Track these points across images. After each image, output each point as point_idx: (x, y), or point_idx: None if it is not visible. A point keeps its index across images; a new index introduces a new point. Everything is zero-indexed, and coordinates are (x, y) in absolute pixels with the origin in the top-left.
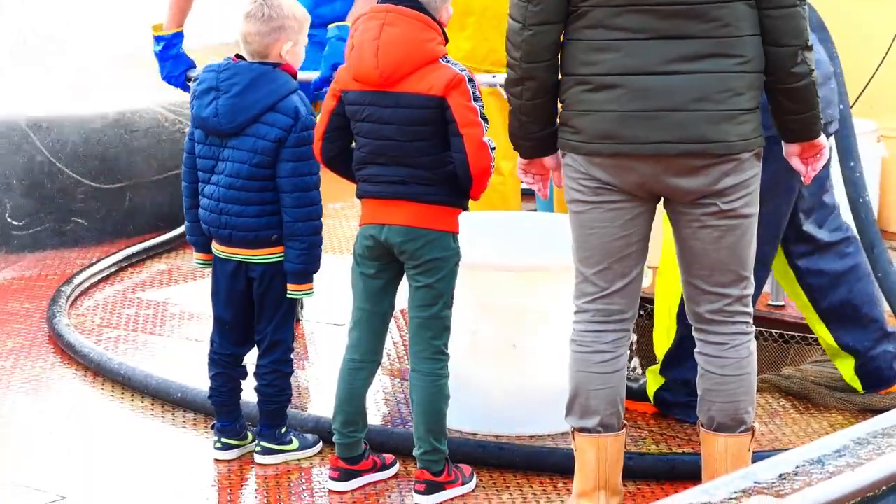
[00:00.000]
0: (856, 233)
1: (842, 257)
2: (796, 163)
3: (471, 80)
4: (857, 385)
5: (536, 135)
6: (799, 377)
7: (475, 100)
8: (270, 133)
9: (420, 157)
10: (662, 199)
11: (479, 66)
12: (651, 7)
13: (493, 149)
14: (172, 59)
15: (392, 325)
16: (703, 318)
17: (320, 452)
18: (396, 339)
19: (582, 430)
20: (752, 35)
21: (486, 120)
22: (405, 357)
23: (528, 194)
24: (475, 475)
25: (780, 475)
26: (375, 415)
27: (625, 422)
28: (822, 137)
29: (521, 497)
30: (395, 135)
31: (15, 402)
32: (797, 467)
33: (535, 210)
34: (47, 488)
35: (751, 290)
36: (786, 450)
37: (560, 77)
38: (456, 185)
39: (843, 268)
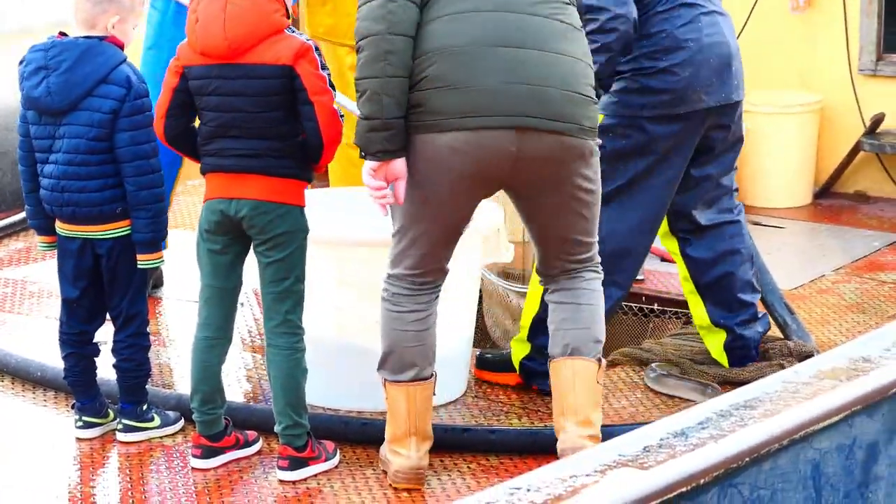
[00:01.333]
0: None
1: (726, 238)
2: None
3: (317, 48)
4: (724, 360)
5: (395, 120)
6: (659, 350)
7: (322, 68)
8: (104, 105)
9: (272, 127)
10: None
11: (341, 40)
12: None
13: (342, 116)
14: None
15: (253, 301)
16: (556, 275)
17: (183, 430)
18: (257, 315)
19: (395, 381)
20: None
21: (334, 88)
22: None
23: None
24: (339, 451)
25: (644, 448)
26: (237, 391)
27: (434, 371)
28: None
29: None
30: (246, 106)
31: None
32: (661, 440)
33: None
34: None
35: (596, 242)
36: (647, 422)
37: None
38: (304, 158)
39: (726, 248)
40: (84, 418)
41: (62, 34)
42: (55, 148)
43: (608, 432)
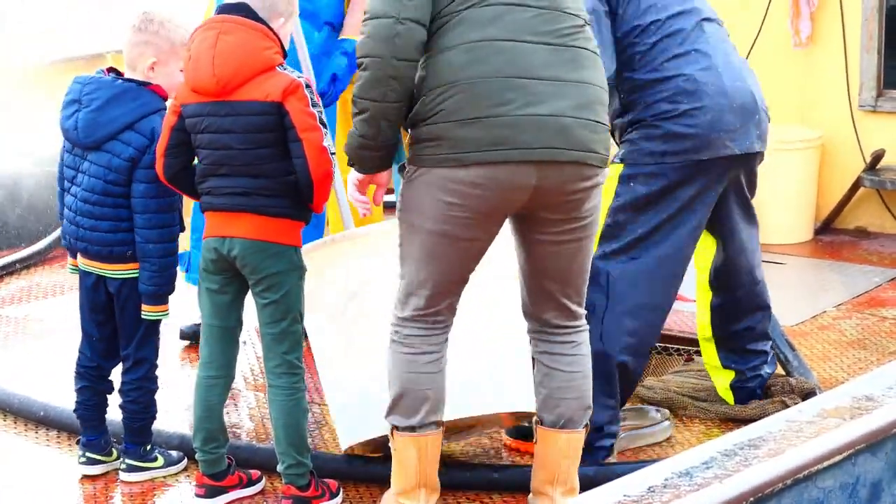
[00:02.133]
0: None
1: (757, 295)
2: None
3: (307, 86)
4: (730, 398)
5: (391, 143)
6: (662, 387)
7: (313, 105)
8: (125, 152)
9: (261, 165)
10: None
11: None
12: None
13: (333, 154)
14: None
15: (255, 339)
16: (548, 322)
17: (186, 469)
18: (259, 353)
19: (405, 429)
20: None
21: (325, 125)
22: None
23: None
24: (342, 490)
25: (649, 488)
26: (241, 431)
27: (443, 420)
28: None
29: None
30: (235, 143)
31: None
32: (666, 480)
33: None
34: None
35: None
36: (652, 461)
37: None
38: (298, 197)
39: (754, 304)
40: (88, 454)
41: (110, 70)
42: (77, 181)
43: (614, 471)
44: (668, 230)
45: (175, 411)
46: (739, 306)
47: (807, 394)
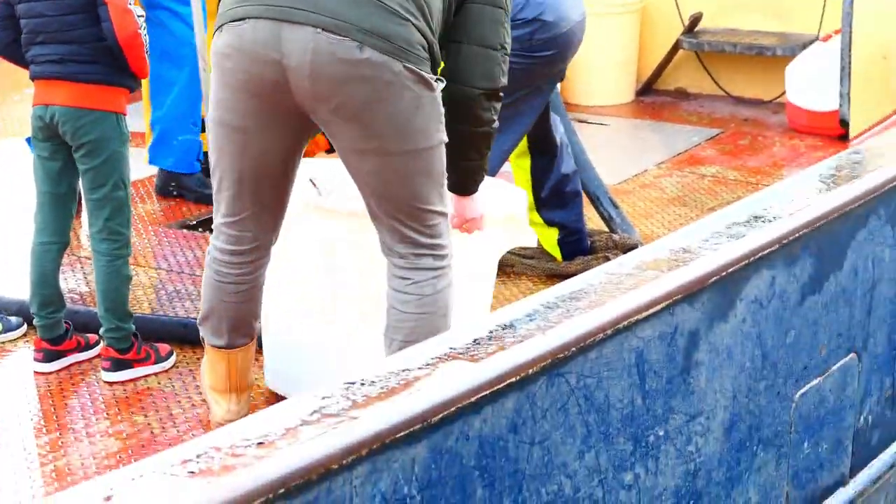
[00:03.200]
0: None
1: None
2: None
3: None
4: (558, 254)
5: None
6: None
7: None
8: None
9: (72, 31)
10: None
11: None
12: None
13: (141, 16)
14: None
15: None
16: (388, 249)
17: (25, 335)
18: None
19: (213, 345)
20: None
21: None
22: None
23: None
24: (174, 353)
25: (475, 340)
26: (77, 296)
27: (257, 328)
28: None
29: None
30: (46, 10)
31: None
32: (490, 332)
33: None
34: None
35: (439, 222)
36: None
37: None
38: (115, 63)
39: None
40: None
41: None
42: None
43: None
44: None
45: (15, 278)
46: (551, 166)
47: (629, 249)
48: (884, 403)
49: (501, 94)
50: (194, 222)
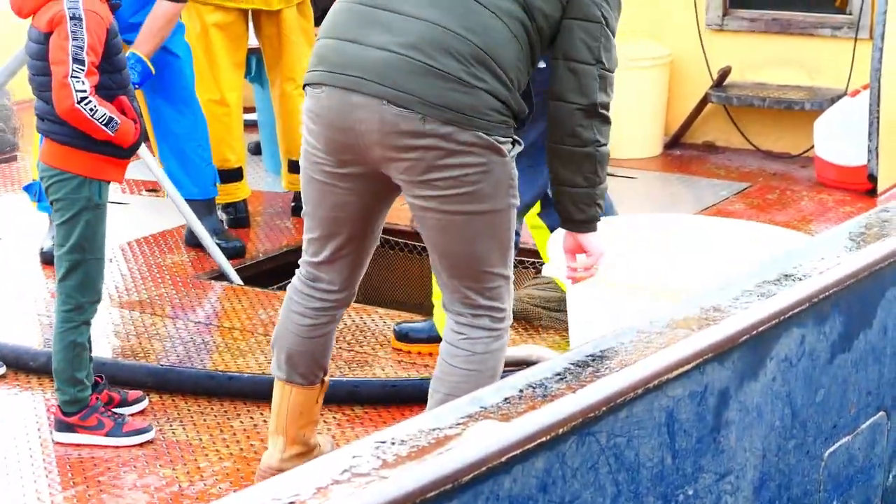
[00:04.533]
0: None
1: None
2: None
3: (75, 18)
4: None
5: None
6: (517, 299)
7: (74, 38)
8: None
9: (45, 91)
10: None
11: None
12: None
13: (82, 91)
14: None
15: (119, 257)
16: (448, 304)
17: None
18: (124, 271)
19: (274, 374)
20: (497, 17)
21: (79, 61)
22: (134, 289)
23: (250, 125)
24: (148, 432)
25: (505, 399)
26: (105, 347)
27: (325, 379)
28: (596, 240)
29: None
30: (30, 67)
31: None
32: (521, 391)
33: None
34: None
35: (500, 285)
36: (509, 372)
37: None
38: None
39: None
40: None
41: None
42: None
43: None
44: None
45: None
46: None
47: None
48: None
49: (604, 111)
50: (221, 273)
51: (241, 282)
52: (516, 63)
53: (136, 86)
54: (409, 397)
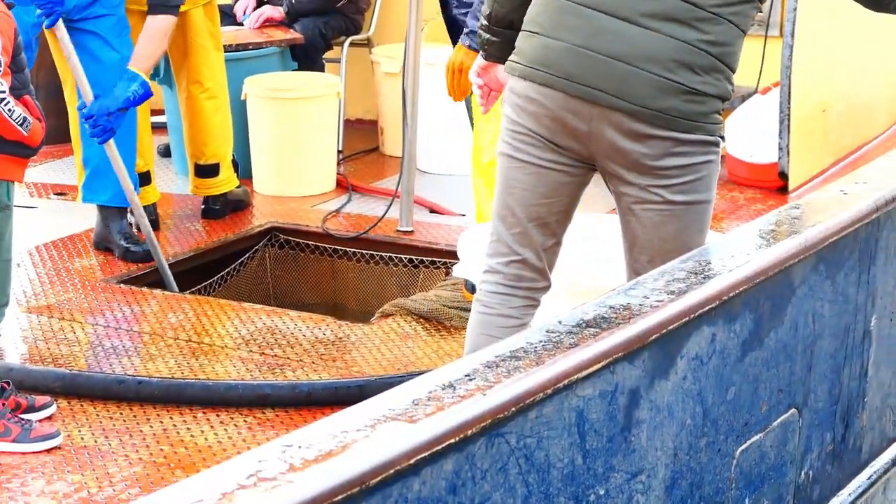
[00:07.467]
0: None
1: None
2: None
3: None
4: None
5: (504, 31)
6: (428, 300)
7: None
8: None
9: None
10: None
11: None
12: None
13: (1, 92)
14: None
15: (27, 262)
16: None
17: None
18: (32, 276)
19: None
20: (728, 21)
21: None
22: (42, 293)
23: (159, 127)
24: (56, 436)
25: (413, 401)
26: (13, 353)
27: None
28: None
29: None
30: None
31: None
32: (429, 392)
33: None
34: None
35: None
36: (420, 372)
37: None
38: None
39: None
40: None
41: None
42: None
43: (384, 383)
44: None
45: None
46: None
47: None
48: (824, 458)
49: None
50: (130, 277)
51: (176, 288)
52: (739, 54)
53: (134, 104)
54: (321, 400)
